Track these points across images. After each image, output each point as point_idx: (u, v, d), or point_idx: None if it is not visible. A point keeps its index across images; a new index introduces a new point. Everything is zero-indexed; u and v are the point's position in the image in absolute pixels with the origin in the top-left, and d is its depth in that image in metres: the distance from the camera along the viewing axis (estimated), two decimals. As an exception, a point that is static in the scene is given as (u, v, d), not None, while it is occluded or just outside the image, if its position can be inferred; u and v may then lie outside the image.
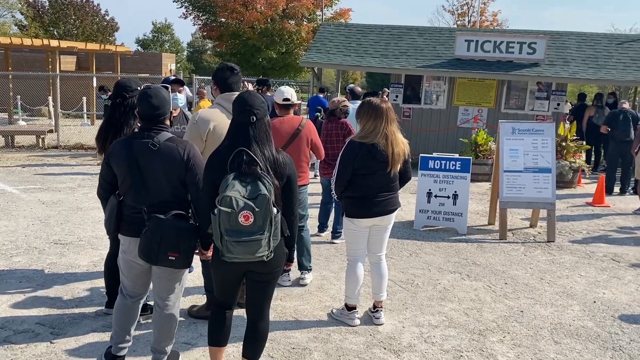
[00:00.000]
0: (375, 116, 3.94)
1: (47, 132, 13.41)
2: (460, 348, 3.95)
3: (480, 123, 12.46)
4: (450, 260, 5.90)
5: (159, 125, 3.17)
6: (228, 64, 3.97)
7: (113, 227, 3.20)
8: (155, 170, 3.10)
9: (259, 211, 2.71)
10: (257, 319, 3.13)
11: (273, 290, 3.16)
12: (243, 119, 2.90)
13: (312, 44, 14.08)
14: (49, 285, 4.73)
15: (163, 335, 3.32)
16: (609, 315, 4.64)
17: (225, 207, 2.68)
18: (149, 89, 3.17)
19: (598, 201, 9.01)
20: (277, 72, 30.49)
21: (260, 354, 3.20)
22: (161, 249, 2.98)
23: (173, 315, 3.32)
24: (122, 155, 3.11)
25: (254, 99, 2.94)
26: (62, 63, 20.56)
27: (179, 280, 3.29)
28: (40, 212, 7.16)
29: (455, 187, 7.03)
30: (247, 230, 2.72)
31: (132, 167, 3.08)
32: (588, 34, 13.81)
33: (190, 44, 60.92)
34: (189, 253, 3.08)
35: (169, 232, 2.99)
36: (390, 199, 4.10)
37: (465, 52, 12.46)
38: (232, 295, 3.15)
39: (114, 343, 3.36)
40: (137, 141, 3.12)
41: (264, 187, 2.74)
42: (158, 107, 3.13)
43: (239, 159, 2.81)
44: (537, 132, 7.02)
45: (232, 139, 2.91)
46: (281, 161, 2.96)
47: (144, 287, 3.38)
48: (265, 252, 2.80)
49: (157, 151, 3.09)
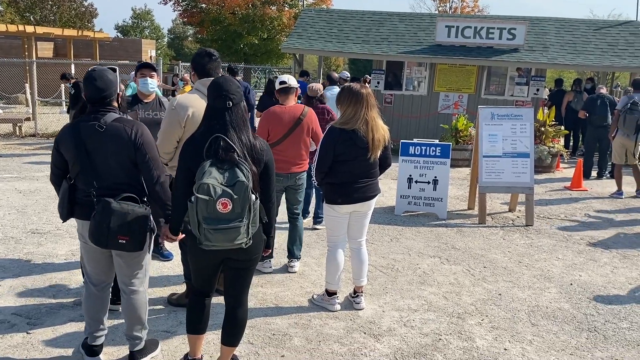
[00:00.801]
0: (355, 102, 3.93)
1: (24, 120, 13.16)
2: (439, 331, 4.00)
3: (460, 109, 12.52)
4: (430, 245, 5.95)
5: (105, 107, 3.09)
6: (206, 49, 3.91)
7: (65, 211, 3.15)
8: (104, 153, 3.04)
9: (238, 198, 2.68)
10: (236, 306, 3.13)
11: (251, 277, 3.16)
12: (219, 105, 2.85)
13: (294, 30, 13.98)
14: (25, 275, 4.67)
15: (132, 320, 3.31)
16: (585, 297, 4.73)
17: (203, 195, 2.65)
18: (94, 71, 3.09)
19: (576, 185, 9.14)
20: (259, 58, 30.27)
21: (239, 341, 3.20)
22: (110, 232, 2.97)
23: (139, 300, 3.30)
24: (70, 140, 3.04)
25: (230, 84, 2.89)
26: (39, 50, 20.14)
27: (140, 265, 3.27)
28: (17, 201, 7.05)
29: (435, 172, 7.07)
30: (226, 217, 2.70)
31: (80, 151, 3.02)
32: (567, 19, 13.91)
33: (170, 30, 60.06)
34: (139, 236, 3.06)
35: (118, 216, 2.97)
36: (370, 185, 4.10)
37: (445, 37, 12.47)
38: (210, 282, 3.14)
39: (89, 333, 3.34)
40: (84, 124, 3.05)
41: (241, 173, 2.70)
42: (103, 90, 3.06)
43: (215, 146, 2.76)
44: (515, 117, 7.07)
45: (208, 125, 2.87)
46: (258, 147, 2.92)
47: (106, 274, 3.32)
48: (244, 240, 2.79)
49: (104, 132, 3.03)
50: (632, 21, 13.82)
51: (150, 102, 4.65)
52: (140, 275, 3.30)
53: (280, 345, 3.70)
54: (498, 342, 3.88)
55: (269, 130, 4.69)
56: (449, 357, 3.64)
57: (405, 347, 3.74)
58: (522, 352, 3.74)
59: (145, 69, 4.60)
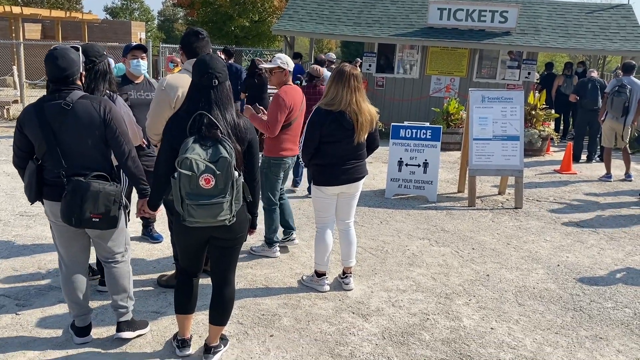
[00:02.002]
0: (337, 81, 3.90)
1: (12, 103, 13.01)
2: (427, 311, 4.04)
3: (452, 92, 12.52)
4: (420, 227, 5.98)
5: (69, 86, 3.03)
6: (195, 28, 3.87)
7: (34, 193, 3.08)
8: (71, 131, 2.99)
9: (220, 174, 2.69)
10: (222, 285, 3.14)
11: (237, 257, 3.16)
12: (205, 83, 2.84)
13: (285, 12, 13.86)
14: (14, 257, 4.66)
15: (116, 289, 3.32)
16: (572, 277, 4.79)
17: (185, 170, 2.66)
18: (55, 50, 3.03)
19: (565, 169, 9.20)
20: (250, 40, 29.99)
21: (227, 320, 3.23)
22: (83, 211, 2.96)
23: (121, 269, 3.32)
24: (34, 121, 2.97)
25: (216, 62, 2.88)
26: (27, 31, 19.85)
27: (118, 241, 3.28)
28: (5, 184, 7.00)
29: (425, 155, 7.08)
30: (209, 193, 2.71)
31: (45, 132, 2.96)
32: (559, 2, 13.88)
33: (160, 12, 59.35)
34: (112, 214, 3.06)
35: (89, 194, 2.96)
36: (357, 166, 4.10)
37: (437, 20, 12.42)
38: (196, 262, 3.15)
39: (74, 316, 3.34)
40: (48, 104, 2.99)
41: (224, 150, 2.71)
42: (65, 69, 3.00)
43: (199, 123, 2.76)
44: (506, 100, 7.08)
45: (193, 103, 2.85)
46: (242, 126, 2.92)
47: (80, 253, 3.29)
48: (227, 216, 2.79)
49: (71, 110, 2.97)
50: (624, 4, 13.81)
51: (140, 83, 4.62)
52: (121, 249, 3.32)
53: (270, 325, 3.73)
54: (485, 321, 3.93)
55: (292, 107, 4.65)
56: (437, 336, 3.69)
57: (394, 327, 3.78)
58: (508, 331, 3.79)
59: (137, 50, 4.55)
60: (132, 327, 3.41)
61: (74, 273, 3.27)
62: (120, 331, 3.38)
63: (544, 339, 3.71)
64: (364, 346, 3.52)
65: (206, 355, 3.24)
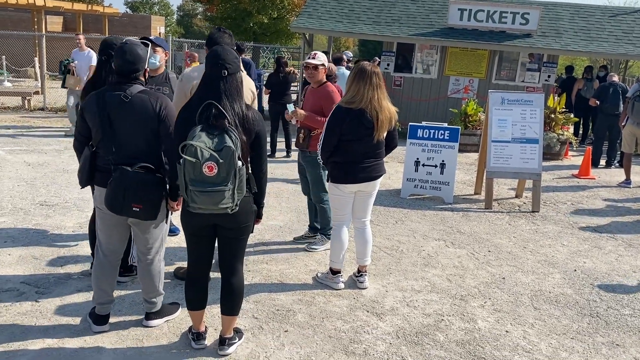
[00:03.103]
0: (358, 79, 3.91)
1: (33, 94, 13.20)
2: (442, 312, 4.03)
3: (470, 93, 12.44)
4: (436, 228, 5.96)
5: (132, 80, 3.18)
6: (219, 27, 4.02)
7: (85, 178, 3.25)
8: (126, 123, 3.12)
9: (223, 163, 2.75)
10: (230, 276, 3.19)
11: (244, 247, 3.21)
12: (215, 73, 2.90)
13: (304, 9, 13.85)
14: (34, 245, 4.73)
15: (148, 287, 3.44)
16: (589, 283, 4.74)
17: (190, 157, 2.73)
18: (125, 44, 3.17)
19: (584, 173, 9.10)
20: (268, 37, 30.05)
21: (238, 310, 3.27)
22: (125, 200, 3.06)
23: (153, 268, 3.42)
24: (94, 108, 3.13)
25: (227, 53, 2.94)
26: (49, 24, 20.11)
27: (156, 235, 3.36)
28: (25, 173, 7.10)
29: (443, 156, 7.05)
30: (211, 181, 2.77)
31: (103, 120, 3.11)
32: (582, 5, 13.71)
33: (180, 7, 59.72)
34: (153, 205, 3.14)
35: (133, 184, 3.06)
36: (375, 165, 4.10)
37: (458, 21, 12.34)
38: (202, 253, 3.17)
39: (96, 303, 3.42)
40: (109, 94, 3.13)
41: (230, 140, 2.78)
42: (133, 63, 3.14)
43: (207, 112, 2.84)
44: (526, 102, 7.02)
45: (203, 93, 2.92)
46: (250, 117, 2.97)
47: (119, 243, 3.40)
48: (229, 204, 2.84)
49: (129, 103, 3.11)
50: (648, 8, 13.60)
51: (157, 76, 4.65)
52: (157, 244, 3.40)
53: (284, 320, 3.74)
54: (500, 324, 3.91)
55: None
56: (451, 337, 3.68)
57: (408, 327, 3.77)
58: (523, 335, 3.77)
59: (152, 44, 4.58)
60: (159, 315, 3.54)
61: (108, 261, 3.38)
62: (148, 319, 3.51)
63: (559, 344, 3.68)
64: (378, 345, 3.52)
65: (221, 347, 3.28)
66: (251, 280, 4.31)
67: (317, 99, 4.76)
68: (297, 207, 6.37)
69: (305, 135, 4.77)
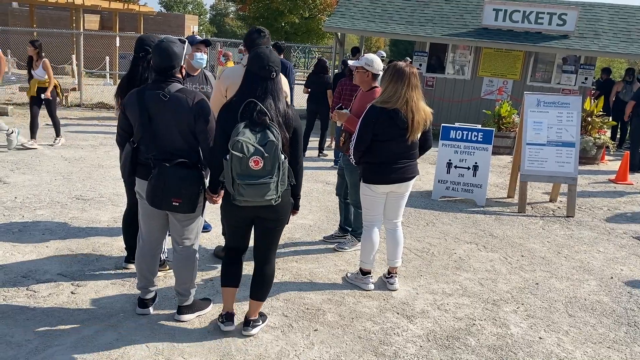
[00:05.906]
0: (396, 79, 3.88)
1: (70, 91, 13.51)
2: (474, 316, 3.97)
3: (504, 95, 12.24)
4: (467, 231, 5.88)
5: (170, 77, 3.27)
6: (257, 27, 4.13)
7: (128, 171, 3.38)
8: (164, 120, 3.23)
9: (268, 156, 2.90)
10: (263, 263, 3.36)
11: (279, 237, 3.37)
12: (264, 74, 3.04)
13: (336, 9, 13.84)
14: (70, 238, 4.84)
15: (181, 277, 3.52)
16: (626, 291, 4.61)
17: (237, 152, 2.87)
18: (162, 42, 3.27)
19: (621, 178, 8.85)
20: (299, 37, 30.15)
21: (266, 296, 3.43)
22: (165, 194, 3.18)
23: (188, 260, 3.50)
24: (135, 105, 3.24)
25: (274, 56, 3.10)
26: (86, 22, 20.59)
27: (192, 227, 3.46)
28: (62, 168, 7.27)
29: (476, 158, 6.95)
30: (257, 174, 2.92)
31: (143, 117, 3.22)
32: (622, 6, 13.34)
33: (213, 6, 60.37)
34: (191, 199, 3.24)
35: (172, 179, 3.16)
36: (408, 166, 4.07)
37: (492, 21, 12.16)
38: (242, 241, 3.38)
39: (140, 287, 3.60)
40: (149, 92, 3.24)
41: (272, 134, 2.93)
42: (169, 60, 3.23)
43: (250, 109, 2.98)
44: (562, 105, 6.87)
45: (249, 91, 3.04)
46: (291, 115, 3.14)
47: (158, 231, 3.52)
48: (274, 196, 2.99)
49: (167, 101, 3.21)
50: (692, 10, 13.16)
51: (196, 76, 4.70)
52: (192, 236, 3.49)
53: (314, 319, 3.74)
54: (533, 330, 3.83)
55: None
56: (483, 342, 3.62)
57: (439, 330, 3.73)
58: (557, 342, 3.69)
59: (202, 44, 4.63)
60: (191, 310, 3.60)
61: (148, 248, 3.53)
62: (180, 314, 3.58)
63: (595, 353, 3.59)
64: (408, 347, 3.49)
65: (245, 328, 3.44)
66: (281, 279, 4.32)
67: (365, 103, 4.70)
68: (327, 207, 6.37)
69: (346, 138, 4.74)
